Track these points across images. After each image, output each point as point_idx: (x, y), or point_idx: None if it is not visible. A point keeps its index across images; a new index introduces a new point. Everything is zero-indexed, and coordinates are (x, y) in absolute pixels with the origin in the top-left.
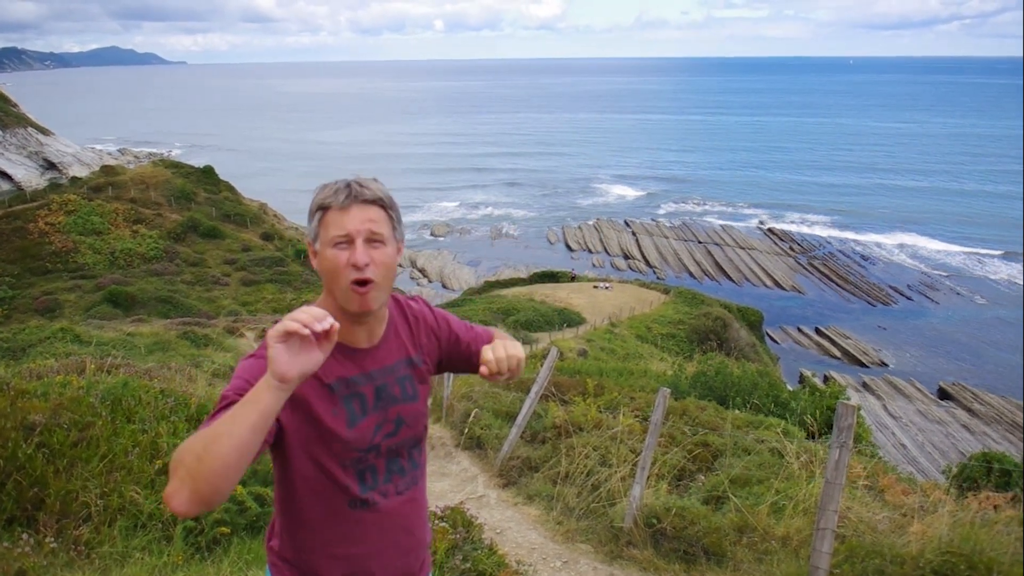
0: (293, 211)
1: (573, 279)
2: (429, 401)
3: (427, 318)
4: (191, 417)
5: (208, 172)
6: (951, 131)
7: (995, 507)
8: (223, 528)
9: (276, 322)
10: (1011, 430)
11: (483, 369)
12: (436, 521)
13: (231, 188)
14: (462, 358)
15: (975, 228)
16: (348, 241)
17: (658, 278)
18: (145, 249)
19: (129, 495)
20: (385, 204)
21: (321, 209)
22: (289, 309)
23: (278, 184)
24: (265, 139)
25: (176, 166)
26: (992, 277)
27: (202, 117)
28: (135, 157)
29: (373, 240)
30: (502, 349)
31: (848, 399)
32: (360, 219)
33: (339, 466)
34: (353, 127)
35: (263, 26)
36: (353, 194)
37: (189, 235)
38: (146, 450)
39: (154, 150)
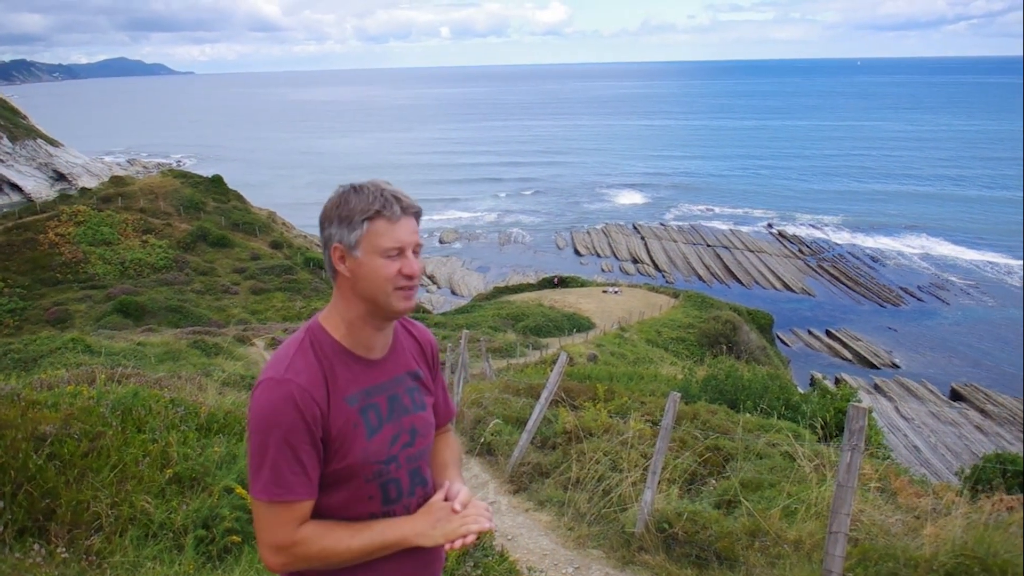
0: (302, 219)
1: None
2: None
3: (431, 343)
4: (201, 426)
5: (217, 181)
6: (959, 132)
7: (1009, 509)
8: (234, 537)
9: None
10: None
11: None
12: None
13: (240, 197)
14: (434, 411)
15: (985, 229)
16: (400, 252)
17: (667, 282)
18: (155, 259)
19: (140, 505)
20: (420, 215)
21: (368, 219)
22: (299, 317)
23: (287, 192)
24: (273, 148)
25: (185, 176)
26: (1002, 278)
27: (210, 127)
28: (144, 167)
29: (417, 251)
30: (460, 505)
31: (859, 401)
32: (409, 231)
33: (362, 482)
34: (360, 135)
35: (270, 35)
36: (404, 206)
37: (198, 244)
38: (156, 459)
39: (163, 160)
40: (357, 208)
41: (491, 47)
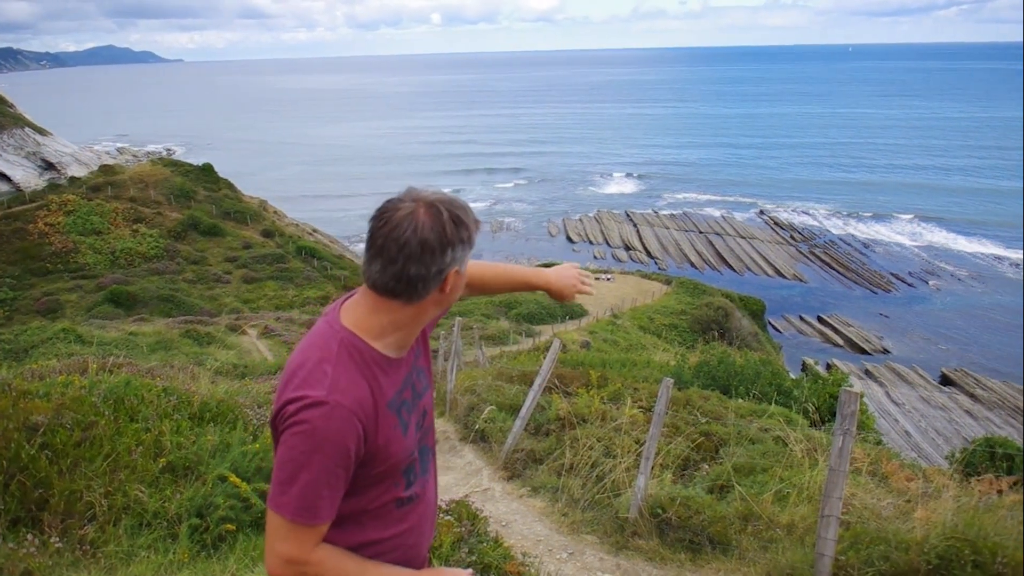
0: (293, 208)
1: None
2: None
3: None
4: (194, 415)
5: (207, 170)
6: (949, 119)
7: (999, 492)
8: (228, 525)
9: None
10: (1013, 415)
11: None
12: (441, 515)
13: (230, 185)
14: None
15: (976, 215)
16: None
17: (659, 269)
18: (146, 248)
19: (134, 494)
20: None
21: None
22: (291, 305)
23: (278, 181)
24: (263, 136)
25: (175, 164)
26: (992, 263)
27: (200, 115)
28: (133, 156)
29: None
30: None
31: (851, 386)
32: None
33: (399, 474)
34: (351, 123)
35: (259, 22)
36: None
37: (189, 233)
38: (149, 448)
39: (152, 148)
40: (473, 225)
41: (482, 34)
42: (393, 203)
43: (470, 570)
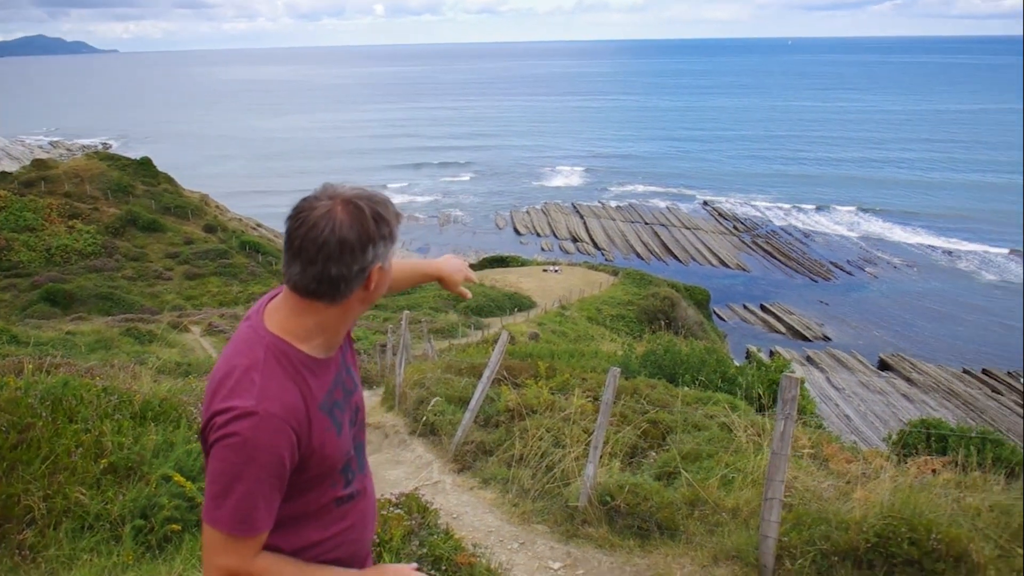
0: (236, 202)
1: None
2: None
3: None
4: (136, 415)
5: (145, 164)
6: (887, 111)
7: (933, 471)
8: (174, 525)
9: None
10: (948, 397)
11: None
12: (391, 508)
13: (170, 180)
14: None
15: (910, 206)
16: None
17: (606, 260)
18: (82, 245)
19: (74, 496)
20: None
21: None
22: (236, 302)
23: (219, 175)
24: (204, 129)
25: (112, 158)
26: (926, 252)
27: (137, 107)
28: (68, 150)
29: None
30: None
31: (793, 372)
32: None
33: (337, 474)
34: (295, 115)
35: (197, 12)
36: None
37: (128, 229)
38: (90, 449)
39: (87, 142)
40: (394, 219)
41: (426, 25)
42: (309, 201)
43: (414, 564)
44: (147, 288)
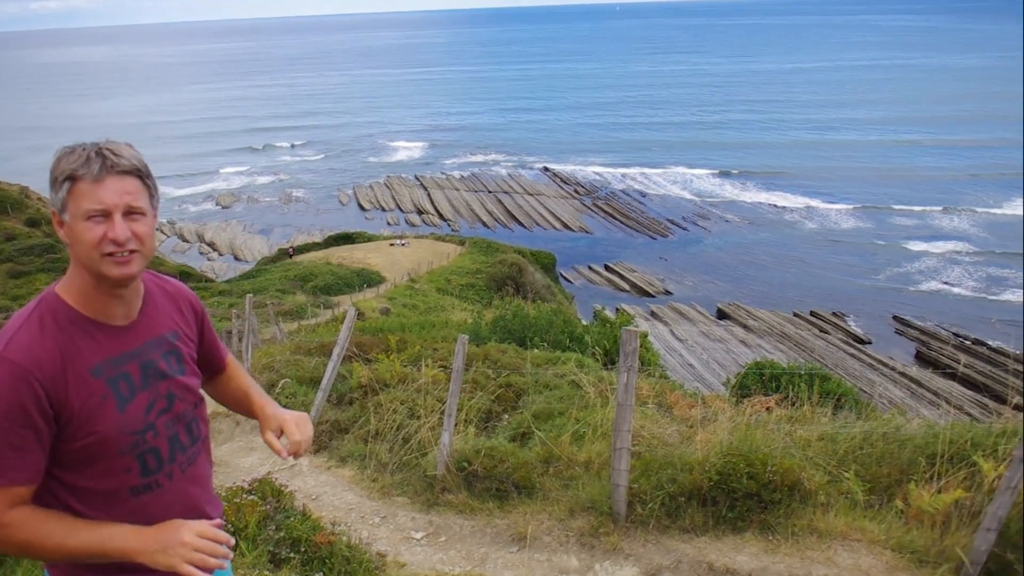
0: None
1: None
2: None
3: (188, 296)
4: None
5: None
6: (708, 70)
7: (767, 409)
8: None
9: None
10: (781, 340)
11: (288, 450)
12: (244, 495)
13: None
14: (207, 358)
15: (740, 165)
16: (104, 215)
17: (453, 230)
18: None
19: None
20: (142, 173)
21: (70, 179)
22: None
23: (40, 165)
24: (19, 117)
25: None
26: (755, 206)
27: None
28: None
29: (132, 213)
30: (301, 433)
31: (636, 326)
32: (117, 192)
33: (116, 454)
34: (119, 98)
35: None
36: (108, 164)
37: None
38: None
39: None
40: (60, 168)
41: None
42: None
43: (217, 520)
44: None
